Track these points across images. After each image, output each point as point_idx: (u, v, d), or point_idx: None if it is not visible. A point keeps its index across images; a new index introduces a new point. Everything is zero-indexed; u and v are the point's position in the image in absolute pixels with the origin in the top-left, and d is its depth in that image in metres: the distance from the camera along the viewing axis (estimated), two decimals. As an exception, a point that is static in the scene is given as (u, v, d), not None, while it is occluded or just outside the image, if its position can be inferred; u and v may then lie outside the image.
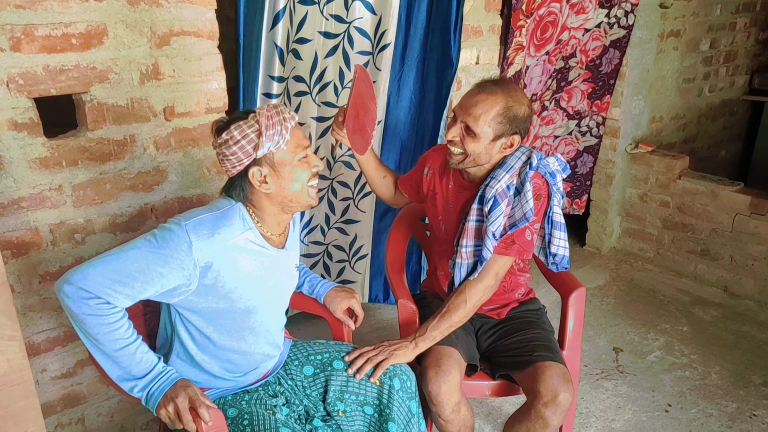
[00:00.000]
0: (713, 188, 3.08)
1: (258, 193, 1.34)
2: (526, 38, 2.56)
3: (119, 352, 1.23)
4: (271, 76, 1.96)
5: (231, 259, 1.31)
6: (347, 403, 1.51)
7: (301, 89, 2.14)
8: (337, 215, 2.54)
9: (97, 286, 1.19)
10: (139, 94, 1.63)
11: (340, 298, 1.67)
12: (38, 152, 1.51)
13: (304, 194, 1.36)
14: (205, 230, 1.27)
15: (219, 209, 1.33)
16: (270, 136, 1.27)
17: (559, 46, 2.82)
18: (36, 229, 1.56)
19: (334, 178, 2.44)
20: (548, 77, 2.92)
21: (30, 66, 1.44)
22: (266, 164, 1.30)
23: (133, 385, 1.25)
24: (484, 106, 1.54)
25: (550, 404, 1.53)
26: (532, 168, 1.60)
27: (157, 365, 1.27)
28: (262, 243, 1.37)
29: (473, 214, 1.63)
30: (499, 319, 1.82)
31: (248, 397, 1.46)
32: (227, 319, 1.38)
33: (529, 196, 1.58)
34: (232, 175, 1.33)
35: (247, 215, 1.36)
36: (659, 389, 2.37)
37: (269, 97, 1.99)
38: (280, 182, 1.32)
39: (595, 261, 3.44)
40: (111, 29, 1.54)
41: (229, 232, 1.30)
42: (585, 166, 3.34)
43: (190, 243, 1.25)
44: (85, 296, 1.18)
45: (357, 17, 2.13)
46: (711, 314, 2.92)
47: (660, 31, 3.27)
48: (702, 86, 3.89)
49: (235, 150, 1.27)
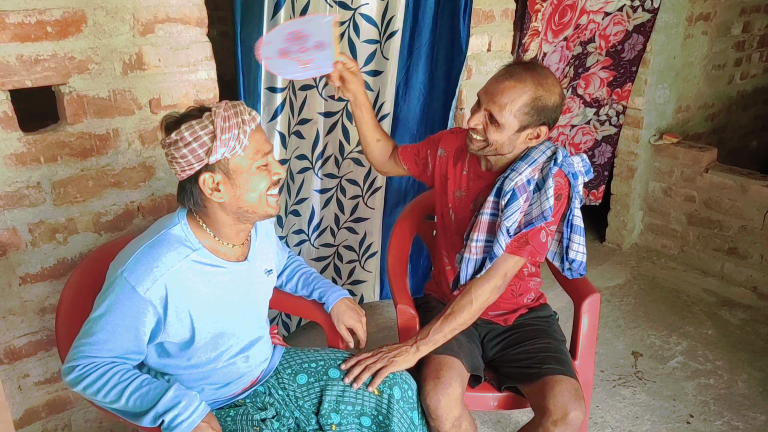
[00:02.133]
0: (743, 182, 2.91)
1: (210, 201, 1.22)
2: (542, 23, 2.41)
3: (140, 391, 1.20)
4: None
5: (181, 285, 1.22)
6: (343, 414, 1.42)
7: (307, 82, 2.03)
8: (347, 214, 2.45)
9: (78, 357, 1.20)
10: (122, 85, 1.53)
11: (349, 314, 1.55)
12: (14, 147, 1.43)
13: (262, 204, 1.25)
14: (143, 269, 1.19)
15: (155, 235, 1.23)
16: (225, 141, 1.15)
17: (578, 31, 2.66)
18: (14, 229, 1.48)
19: (343, 176, 2.34)
20: (566, 64, 2.77)
21: (2, 56, 1.36)
22: (220, 170, 1.18)
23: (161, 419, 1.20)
24: (511, 95, 1.41)
25: (560, 423, 1.42)
26: (557, 164, 1.49)
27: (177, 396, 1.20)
28: (213, 261, 1.27)
29: (488, 206, 1.52)
30: (507, 326, 1.71)
31: (233, 412, 1.37)
32: (199, 351, 1.30)
33: (550, 193, 1.47)
34: (182, 179, 1.22)
35: (191, 234, 1.25)
36: (681, 398, 2.24)
37: (274, 92, 1.87)
38: (235, 191, 1.21)
39: (614, 258, 3.29)
40: (90, 16, 1.44)
41: (168, 261, 1.21)
42: (603, 156, 3.20)
43: (133, 288, 1.18)
44: (79, 371, 1.20)
45: (362, 3, 2.01)
46: (738, 317, 2.77)
47: (688, 14, 3.10)
48: (733, 73, 3.71)
49: (185, 153, 1.15)
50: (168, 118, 1.19)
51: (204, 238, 1.27)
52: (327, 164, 2.26)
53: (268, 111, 1.90)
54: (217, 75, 1.70)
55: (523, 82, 1.42)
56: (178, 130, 1.15)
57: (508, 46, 2.43)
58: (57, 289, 1.58)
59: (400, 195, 2.48)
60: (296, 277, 1.61)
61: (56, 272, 1.57)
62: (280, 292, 1.62)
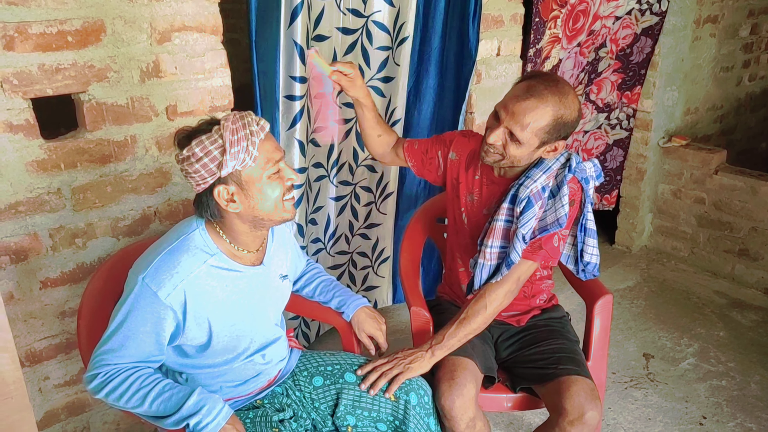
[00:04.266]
0: (753, 183, 2.91)
1: (227, 211, 1.24)
2: (561, 30, 2.42)
3: (165, 394, 1.22)
4: (293, 77, 1.85)
5: (200, 290, 1.24)
6: (359, 418, 1.44)
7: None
8: (361, 221, 2.46)
9: (100, 365, 1.23)
10: (140, 92, 1.56)
11: (369, 322, 1.57)
12: (35, 154, 1.46)
13: (278, 211, 1.26)
14: (163, 275, 1.21)
15: (174, 241, 1.25)
16: (234, 154, 1.16)
17: (591, 37, 2.67)
18: (35, 234, 1.51)
19: (357, 183, 2.35)
20: (580, 70, 2.78)
21: (24, 65, 1.38)
22: (233, 182, 1.20)
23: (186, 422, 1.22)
24: (533, 115, 1.40)
25: (577, 423, 1.43)
26: (571, 171, 1.50)
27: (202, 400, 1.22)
28: (231, 266, 1.29)
29: (503, 213, 1.52)
30: (520, 327, 1.72)
31: (252, 414, 1.39)
32: (217, 353, 1.32)
33: (565, 200, 1.47)
34: (198, 192, 1.24)
35: (209, 239, 1.27)
36: (693, 400, 2.23)
37: (292, 100, 1.88)
38: (249, 201, 1.22)
39: (624, 260, 3.29)
40: (109, 25, 1.47)
41: (188, 266, 1.23)
42: (615, 161, 3.20)
43: (155, 294, 1.20)
44: (101, 378, 1.22)
45: (375, 10, 2.02)
46: (750, 318, 2.76)
47: (696, 16, 3.10)
48: (741, 75, 3.71)
49: (197, 168, 1.17)
50: (180, 134, 1.20)
51: (221, 243, 1.29)
52: (342, 171, 2.27)
53: (287, 119, 1.91)
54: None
55: (545, 102, 1.40)
56: (189, 146, 1.16)
57: (518, 51, 2.45)
58: (76, 293, 1.60)
59: (411, 200, 2.49)
60: (314, 283, 1.62)
61: (75, 276, 1.60)
62: (296, 296, 1.63)
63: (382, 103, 2.24)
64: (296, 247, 1.58)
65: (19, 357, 1.45)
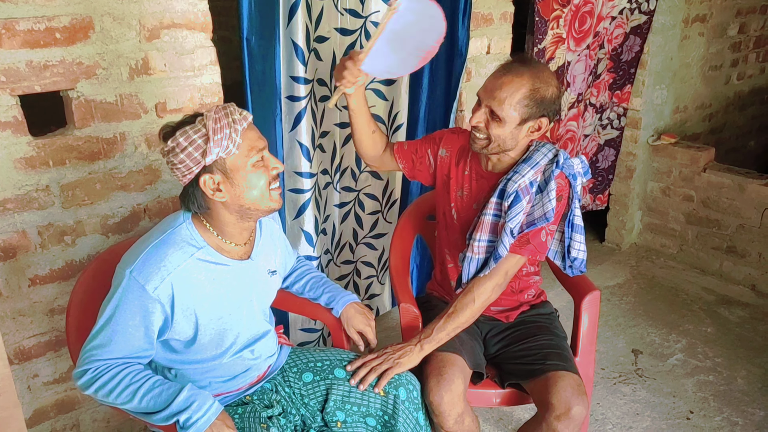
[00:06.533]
0: (740, 181, 2.94)
1: (214, 201, 1.25)
2: (565, 29, 2.42)
3: (154, 391, 1.22)
4: (294, 77, 1.84)
5: (187, 284, 1.25)
6: (349, 413, 1.44)
7: (324, 93, 2.02)
8: (366, 230, 2.42)
9: (89, 361, 1.23)
10: (129, 89, 1.56)
11: (358, 318, 1.58)
12: (23, 152, 1.45)
13: (264, 200, 1.27)
14: (151, 268, 1.21)
15: (161, 235, 1.26)
16: (218, 141, 1.18)
17: (597, 39, 2.67)
18: (23, 232, 1.50)
19: (361, 190, 2.32)
20: (589, 73, 2.78)
21: (12, 62, 1.38)
22: (218, 171, 1.21)
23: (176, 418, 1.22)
24: (509, 89, 1.44)
25: (563, 418, 1.44)
26: (558, 167, 1.52)
27: (193, 395, 1.23)
28: (218, 260, 1.29)
29: (491, 207, 1.54)
30: (509, 323, 1.73)
31: (241, 410, 1.39)
32: (204, 348, 1.32)
33: (552, 195, 1.49)
34: (185, 184, 1.25)
35: (196, 233, 1.28)
36: (681, 395, 2.26)
37: (294, 100, 1.87)
38: (235, 190, 1.24)
39: (614, 257, 3.31)
40: (97, 22, 1.47)
41: (175, 259, 1.23)
42: (607, 160, 3.22)
43: (143, 287, 1.20)
44: (90, 374, 1.23)
45: (373, 11, 2.00)
46: (737, 314, 2.79)
47: (684, 15, 3.13)
48: (730, 74, 3.74)
49: (182, 158, 1.19)
50: (165, 128, 1.22)
51: (208, 237, 1.29)
52: (344, 177, 2.24)
53: (289, 120, 1.90)
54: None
55: (521, 76, 1.45)
56: (174, 137, 1.18)
57: (507, 49, 2.46)
58: (65, 290, 1.60)
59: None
60: (304, 279, 1.63)
61: (65, 274, 1.60)
62: (286, 292, 1.64)
63: (385, 107, 2.22)
64: (286, 243, 1.58)
65: (7, 354, 1.45)
